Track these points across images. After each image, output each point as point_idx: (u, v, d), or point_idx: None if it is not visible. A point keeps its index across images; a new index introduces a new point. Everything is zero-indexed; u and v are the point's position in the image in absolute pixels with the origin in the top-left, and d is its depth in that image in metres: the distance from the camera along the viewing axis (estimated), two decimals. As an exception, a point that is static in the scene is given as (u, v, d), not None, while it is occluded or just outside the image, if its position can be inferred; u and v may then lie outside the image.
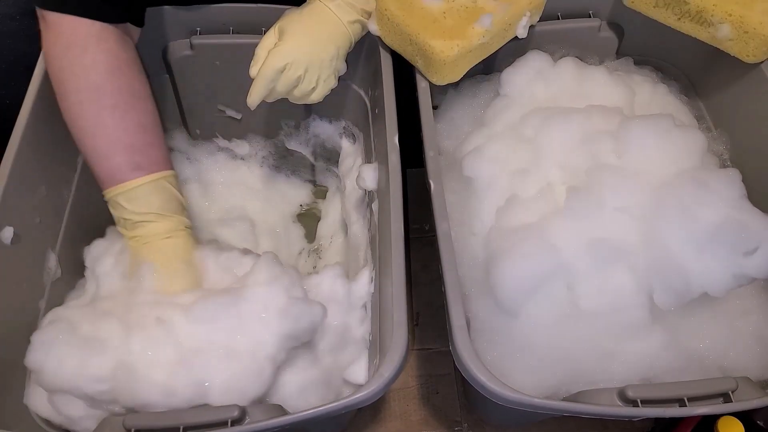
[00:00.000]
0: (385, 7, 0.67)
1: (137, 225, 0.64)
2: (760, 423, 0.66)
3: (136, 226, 0.64)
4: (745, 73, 0.71)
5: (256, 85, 0.65)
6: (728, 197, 0.59)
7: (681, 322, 0.62)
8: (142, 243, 0.64)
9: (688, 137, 0.65)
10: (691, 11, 0.68)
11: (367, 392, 0.50)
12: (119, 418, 0.53)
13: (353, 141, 0.89)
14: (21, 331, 0.61)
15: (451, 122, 0.79)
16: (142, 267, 0.63)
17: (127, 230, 0.65)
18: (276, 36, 0.66)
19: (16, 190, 0.61)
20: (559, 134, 0.67)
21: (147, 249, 0.64)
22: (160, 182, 0.64)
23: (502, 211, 0.65)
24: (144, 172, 0.63)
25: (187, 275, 0.64)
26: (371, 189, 0.72)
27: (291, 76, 0.65)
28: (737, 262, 0.57)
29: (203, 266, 0.66)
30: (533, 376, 0.60)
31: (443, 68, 0.67)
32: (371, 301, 0.68)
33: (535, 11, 0.72)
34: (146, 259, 0.63)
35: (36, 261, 0.65)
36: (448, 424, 0.82)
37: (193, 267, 0.65)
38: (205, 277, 0.65)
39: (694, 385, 0.53)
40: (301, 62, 0.65)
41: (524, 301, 0.60)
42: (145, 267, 0.63)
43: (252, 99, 0.66)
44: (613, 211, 0.60)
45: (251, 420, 0.52)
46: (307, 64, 0.65)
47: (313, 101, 0.70)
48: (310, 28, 0.66)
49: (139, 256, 0.64)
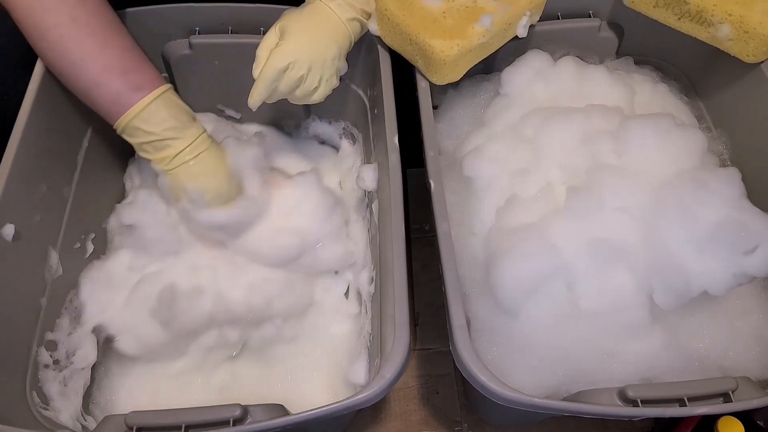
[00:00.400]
0: (385, 7, 0.67)
1: (161, 145, 0.64)
2: (760, 423, 0.66)
3: (161, 146, 0.64)
4: (745, 73, 0.71)
5: (258, 86, 0.65)
6: (728, 197, 0.59)
7: (681, 322, 0.62)
8: (176, 165, 0.65)
9: (688, 137, 0.65)
10: (691, 11, 0.68)
11: (369, 393, 0.50)
12: (120, 417, 0.53)
13: (353, 142, 0.89)
14: (22, 328, 0.61)
15: (451, 122, 0.79)
16: (190, 191, 0.65)
17: (153, 154, 0.64)
18: (277, 36, 0.66)
19: (16, 188, 0.61)
20: (559, 134, 0.67)
21: (185, 171, 0.65)
22: (166, 96, 0.64)
23: (502, 211, 0.66)
24: (146, 91, 0.63)
25: (232, 186, 0.68)
26: (371, 189, 0.72)
27: (293, 76, 0.65)
28: (737, 261, 0.57)
29: (235, 168, 0.69)
30: (533, 376, 0.60)
31: (443, 68, 0.67)
32: (371, 301, 0.68)
33: (535, 11, 0.72)
34: (189, 182, 0.65)
35: (37, 259, 0.65)
36: (448, 424, 0.82)
37: (231, 177, 0.68)
38: (243, 180, 0.69)
39: (694, 385, 0.53)
40: (304, 62, 0.65)
41: (524, 301, 0.60)
42: (192, 191, 0.65)
43: (254, 99, 0.66)
44: (613, 211, 0.61)
45: (253, 420, 0.52)
46: (310, 64, 0.65)
47: (314, 101, 0.69)
48: (311, 28, 0.66)
49: (179, 180, 0.65)
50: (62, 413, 0.62)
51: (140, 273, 0.72)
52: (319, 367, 0.73)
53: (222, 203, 0.67)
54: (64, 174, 0.71)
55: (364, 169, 0.72)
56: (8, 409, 0.57)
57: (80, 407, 0.65)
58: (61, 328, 0.66)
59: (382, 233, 0.66)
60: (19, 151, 0.62)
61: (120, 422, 0.53)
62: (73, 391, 0.65)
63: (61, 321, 0.67)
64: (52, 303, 0.65)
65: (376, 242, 0.69)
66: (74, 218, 0.70)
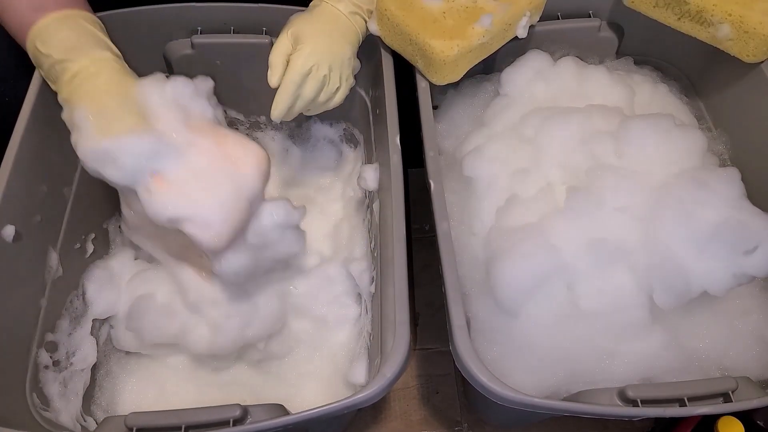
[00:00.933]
0: (385, 7, 0.67)
1: (60, 69, 0.58)
2: (760, 423, 0.66)
3: (60, 71, 0.58)
4: (745, 73, 0.71)
5: (283, 93, 0.62)
6: (728, 197, 0.59)
7: (681, 322, 0.62)
8: (69, 91, 0.58)
9: (688, 137, 0.65)
10: (691, 11, 0.68)
11: (369, 392, 0.50)
12: (120, 418, 0.53)
13: (354, 146, 0.89)
14: (22, 329, 0.61)
15: (451, 122, 0.79)
16: (75, 116, 0.56)
17: (54, 85, 0.60)
18: (290, 41, 0.65)
19: (17, 189, 0.61)
20: (559, 134, 0.67)
21: (76, 95, 0.57)
22: (71, 20, 0.60)
23: (502, 211, 0.66)
24: (48, 11, 0.59)
25: (125, 113, 0.56)
26: (372, 189, 0.72)
27: (318, 77, 0.64)
28: (737, 261, 0.57)
29: (146, 101, 0.58)
30: (533, 376, 0.60)
31: (443, 68, 0.67)
32: (372, 301, 0.68)
33: (535, 11, 0.72)
34: (77, 105, 0.56)
35: (37, 259, 0.65)
36: (448, 424, 0.82)
37: (132, 102, 0.57)
38: (152, 113, 0.58)
39: (694, 385, 0.53)
40: (325, 62, 0.64)
41: (524, 301, 0.60)
42: (77, 114, 0.56)
43: (279, 110, 0.63)
44: (613, 211, 0.61)
45: (253, 420, 0.52)
46: (330, 63, 0.65)
47: (335, 104, 0.69)
48: (324, 30, 0.65)
49: (70, 105, 0.57)
50: (62, 414, 0.62)
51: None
52: (319, 367, 0.73)
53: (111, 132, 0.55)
54: (65, 175, 0.71)
55: (366, 169, 0.72)
56: (8, 410, 0.57)
57: (80, 408, 0.65)
58: (61, 329, 0.66)
59: (382, 233, 0.66)
60: (19, 151, 0.62)
61: (120, 423, 0.53)
62: (73, 392, 0.65)
63: (61, 322, 0.67)
64: (52, 304, 0.65)
65: (377, 242, 0.69)
66: (74, 219, 0.70)
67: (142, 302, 0.69)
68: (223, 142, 0.58)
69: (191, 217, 0.55)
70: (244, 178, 0.58)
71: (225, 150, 0.58)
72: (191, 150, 0.57)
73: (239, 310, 0.67)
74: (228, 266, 0.61)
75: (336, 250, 0.81)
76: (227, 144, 0.58)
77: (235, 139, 0.59)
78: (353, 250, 0.77)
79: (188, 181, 0.56)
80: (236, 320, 0.67)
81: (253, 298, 0.69)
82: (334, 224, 0.84)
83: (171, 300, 0.69)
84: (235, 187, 0.57)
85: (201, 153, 0.57)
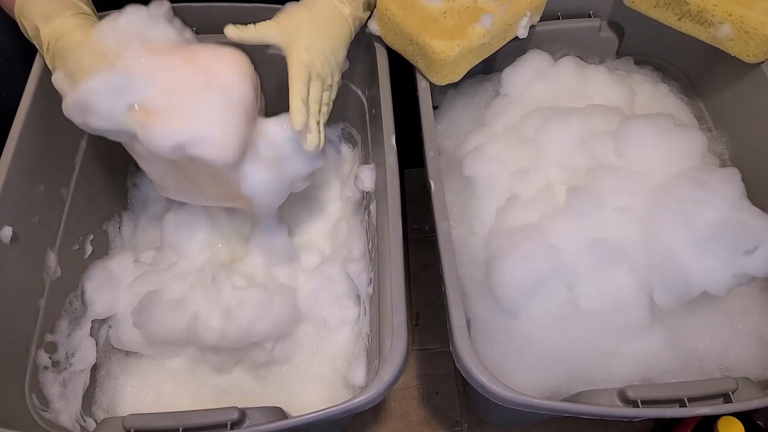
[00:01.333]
0: (386, 7, 0.67)
1: (40, 43, 0.60)
2: (760, 423, 0.66)
3: (41, 44, 0.60)
4: (745, 73, 0.71)
5: (295, 109, 0.59)
6: (728, 197, 0.59)
7: (681, 322, 0.62)
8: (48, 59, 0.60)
9: (689, 137, 0.65)
10: (691, 11, 0.68)
11: (368, 396, 0.50)
12: (119, 419, 0.53)
13: (352, 146, 0.89)
14: (21, 330, 0.61)
15: (451, 122, 0.79)
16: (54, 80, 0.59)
17: (44, 57, 0.61)
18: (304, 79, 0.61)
19: (14, 189, 0.61)
20: (559, 134, 0.67)
21: (52, 61, 0.60)
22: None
23: (502, 211, 0.65)
24: None
25: (89, 61, 0.56)
26: (369, 190, 0.71)
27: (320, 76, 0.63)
28: (737, 261, 0.57)
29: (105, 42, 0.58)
30: (533, 376, 0.60)
31: (444, 68, 0.67)
32: (370, 302, 0.68)
33: (536, 11, 0.72)
34: (55, 70, 0.59)
35: (35, 260, 0.65)
36: (448, 424, 0.82)
37: (95, 49, 0.57)
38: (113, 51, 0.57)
39: (694, 385, 0.53)
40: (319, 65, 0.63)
41: (524, 301, 0.60)
42: (55, 78, 0.58)
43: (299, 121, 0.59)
44: (613, 211, 0.60)
45: (251, 423, 0.52)
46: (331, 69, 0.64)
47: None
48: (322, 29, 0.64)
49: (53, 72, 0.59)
50: (61, 415, 0.62)
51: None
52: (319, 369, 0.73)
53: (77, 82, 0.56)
54: (62, 175, 0.71)
55: (362, 170, 0.72)
56: (8, 411, 0.57)
57: (80, 409, 0.65)
58: (60, 329, 0.66)
59: (379, 234, 0.66)
60: (16, 151, 0.62)
61: (118, 425, 0.53)
62: (72, 392, 0.65)
63: (61, 323, 0.67)
64: (50, 305, 0.65)
65: (374, 243, 0.68)
66: (72, 220, 0.70)
67: (152, 297, 0.68)
68: (193, 57, 0.58)
69: (192, 139, 0.55)
70: (228, 86, 0.57)
71: (198, 64, 0.57)
72: (160, 74, 0.56)
73: (253, 299, 0.67)
74: (252, 182, 0.61)
75: (335, 250, 0.80)
76: (198, 58, 0.58)
77: (204, 50, 0.59)
78: (351, 251, 0.77)
79: (174, 106, 0.56)
80: (249, 310, 0.67)
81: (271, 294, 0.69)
82: (332, 224, 0.84)
83: (179, 294, 0.68)
84: (224, 98, 0.57)
85: (172, 73, 0.56)
